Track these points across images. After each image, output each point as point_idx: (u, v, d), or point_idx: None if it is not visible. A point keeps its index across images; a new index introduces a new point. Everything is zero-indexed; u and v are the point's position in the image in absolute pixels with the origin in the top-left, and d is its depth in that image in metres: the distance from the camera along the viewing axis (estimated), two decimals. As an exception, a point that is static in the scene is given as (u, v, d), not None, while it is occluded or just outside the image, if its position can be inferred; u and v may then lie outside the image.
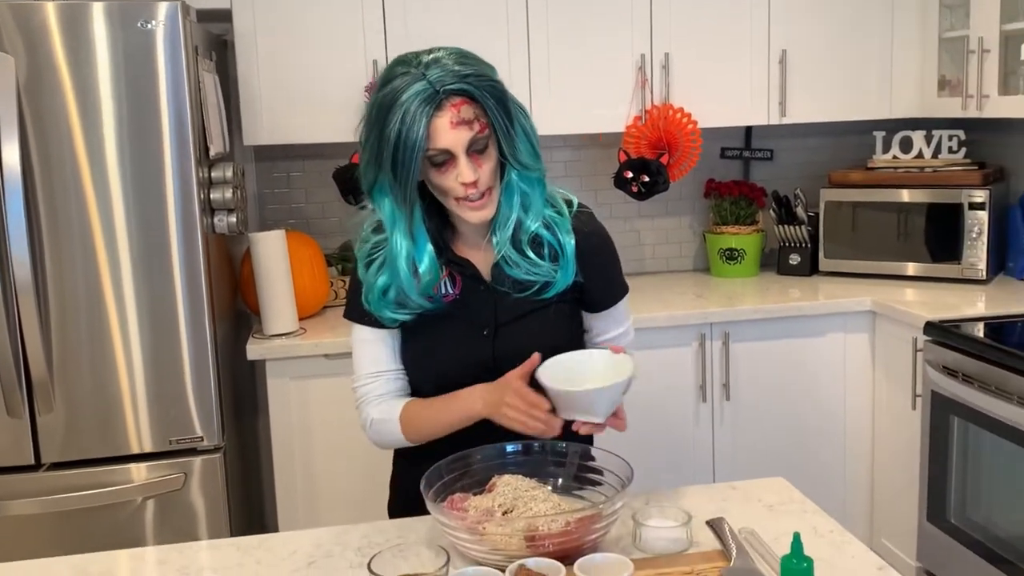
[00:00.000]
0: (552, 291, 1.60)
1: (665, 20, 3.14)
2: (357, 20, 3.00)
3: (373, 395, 1.67)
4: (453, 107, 1.45)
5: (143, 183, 2.45)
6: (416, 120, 1.42)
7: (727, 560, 1.35)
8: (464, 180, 1.48)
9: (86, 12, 2.37)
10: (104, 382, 2.49)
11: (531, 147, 1.55)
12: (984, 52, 2.96)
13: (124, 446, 2.53)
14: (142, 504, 2.55)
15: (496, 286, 1.61)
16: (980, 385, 2.51)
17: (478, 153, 1.49)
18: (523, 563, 1.27)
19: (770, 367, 3.07)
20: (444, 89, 1.43)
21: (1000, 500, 2.54)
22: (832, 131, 3.59)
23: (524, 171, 1.55)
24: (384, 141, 1.45)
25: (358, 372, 1.69)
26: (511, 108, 1.51)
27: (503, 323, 1.61)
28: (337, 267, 3.30)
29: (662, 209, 3.57)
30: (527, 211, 1.57)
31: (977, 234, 3.15)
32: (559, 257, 1.60)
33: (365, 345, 1.67)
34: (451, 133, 1.45)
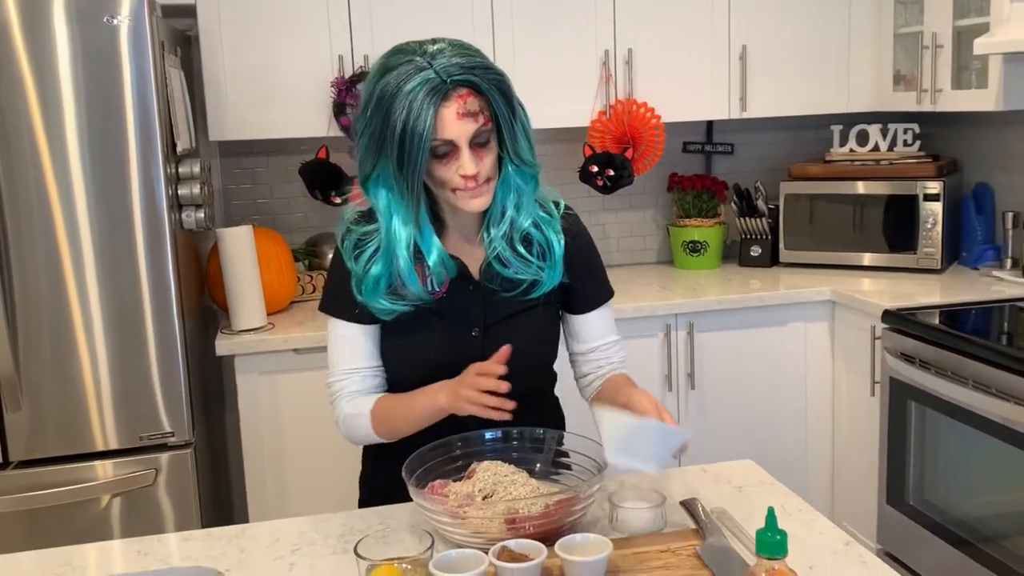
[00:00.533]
0: (539, 291, 1.60)
1: (628, 16, 3.19)
2: (322, 15, 3.00)
3: (347, 391, 1.65)
4: (460, 98, 1.43)
5: (108, 180, 2.44)
6: (424, 110, 1.40)
7: (701, 538, 1.40)
8: (465, 172, 1.46)
9: (46, 7, 2.35)
10: (72, 380, 2.49)
11: (529, 144, 1.54)
12: (938, 48, 3.04)
13: (93, 443, 2.52)
14: (112, 501, 2.54)
15: (486, 284, 1.60)
16: (937, 370, 2.59)
17: (480, 146, 1.48)
18: (505, 544, 1.30)
19: (734, 356, 3.13)
20: (451, 79, 1.41)
21: (957, 482, 2.62)
22: (791, 125, 3.67)
23: (522, 167, 1.54)
24: (388, 130, 1.42)
25: (333, 367, 1.66)
26: (514, 101, 1.51)
27: (492, 323, 1.60)
28: (304, 262, 3.30)
29: (626, 203, 3.62)
30: (519, 209, 1.57)
31: (932, 225, 3.24)
32: (547, 256, 1.60)
33: (341, 340, 1.65)
34: (456, 124, 1.43)
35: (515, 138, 1.51)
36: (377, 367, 1.65)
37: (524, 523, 1.36)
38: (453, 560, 1.27)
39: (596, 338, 1.71)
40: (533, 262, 1.59)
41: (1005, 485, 2.43)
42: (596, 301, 1.70)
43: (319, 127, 3.05)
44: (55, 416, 2.49)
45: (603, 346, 1.71)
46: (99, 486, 2.53)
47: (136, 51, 2.41)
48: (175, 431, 2.57)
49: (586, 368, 1.73)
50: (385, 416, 1.59)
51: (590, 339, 1.71)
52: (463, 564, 1.26)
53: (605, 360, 1.72)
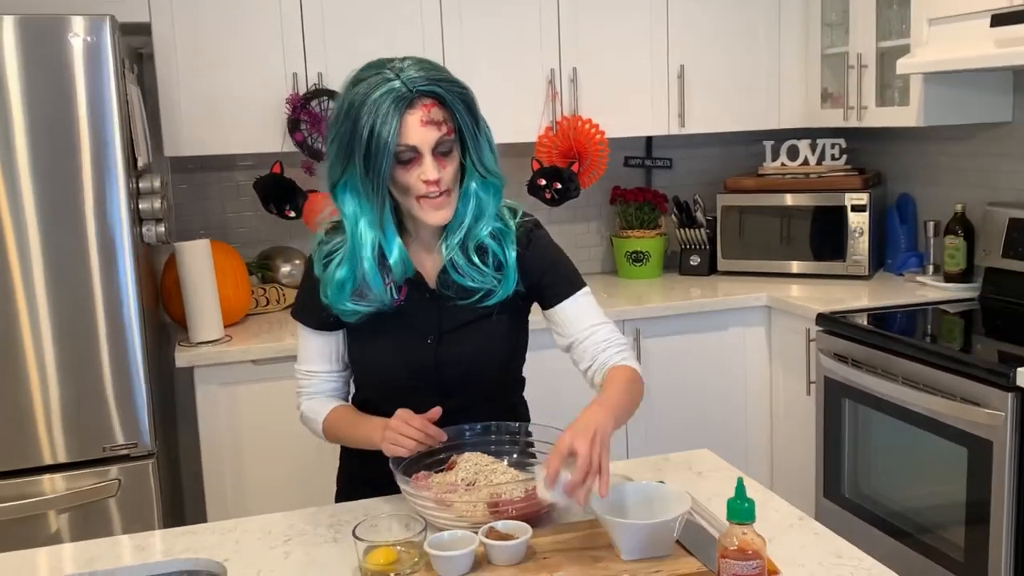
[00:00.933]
0: (494, 299, 1.66)
1: (572, 37, 3.33)
2: (276, 34, 3.07)
3: (307, 391, 1.79)
4: (424, 107, 1.52)
5: (61, 194, 2.45)
6: (389, 116, 1.49)
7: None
8: (427, 177, 1.54)
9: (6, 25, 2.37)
10: (28, 393, 2.49)
11: (493, 155, 1.63)
12: (863, 67, 3.24)
13: (42, 456, 2.52)
14: (75, 512, 2.55)
15: (441, 291, 1.67)
16: (868, 368, 2.76)
17: (443, 155, 1.56)
18: (493, 525, 1.39)
19: (677, 360, 3.27)
20: (416, 89, 1.50)
21: (890, 474, 2.79)
22: (726, 141, 3.85)
23: (486, 177, 1.62)
24: (356, 136, 1.51)
25: (298, 365, 1.80)
26: (478, 113, 1.60)
27: (446, 330, 1.68)
28: (257, 275, 3.35)
29: (571, 215, 3.75)
30: (478, 219, 1.64)
31: (859, 234, 3.43)
32: (503, 267, 1.67)
33: (306, 344, 1.78)
34: (420, 131, 1.52)
35: (479, 148, 1.60)
36: (336, 371, 1.78)
37: (506, 507, 1.45)
38: (446, 541, 1.36)
39: (577, 328, 1.71)
40: (487, 272, 1.65)
41: (935, 475, 2.60)
42: (565, 292, 1.72)
43: (273, 143, 3.11)
44: (18, 428, 2.49)
45: (587, 334, 1.70)
46: (57, 499, 2.53)
47: (98, 68, 2.44)
48: (137, 443, 2.60)
49: (583, 363, 1.72)
50: (334, 428, 1.74)
51: (571, 331, 1.71)
52: (455, 544, 1.35)
53: (596, 348, 1.70)
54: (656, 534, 1.37)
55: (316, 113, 3.06)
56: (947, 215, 3.30)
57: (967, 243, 3.20)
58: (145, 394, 2.59)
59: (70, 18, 2.43)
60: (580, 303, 1.73)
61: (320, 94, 3.07)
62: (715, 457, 1.81)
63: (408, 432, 1.55)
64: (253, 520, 1.61)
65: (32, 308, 2.47)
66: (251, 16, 3.04)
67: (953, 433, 2.48)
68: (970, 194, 3.28)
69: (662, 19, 3.41)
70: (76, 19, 2.43)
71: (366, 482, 1.73)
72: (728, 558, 1.21)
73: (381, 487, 1.66)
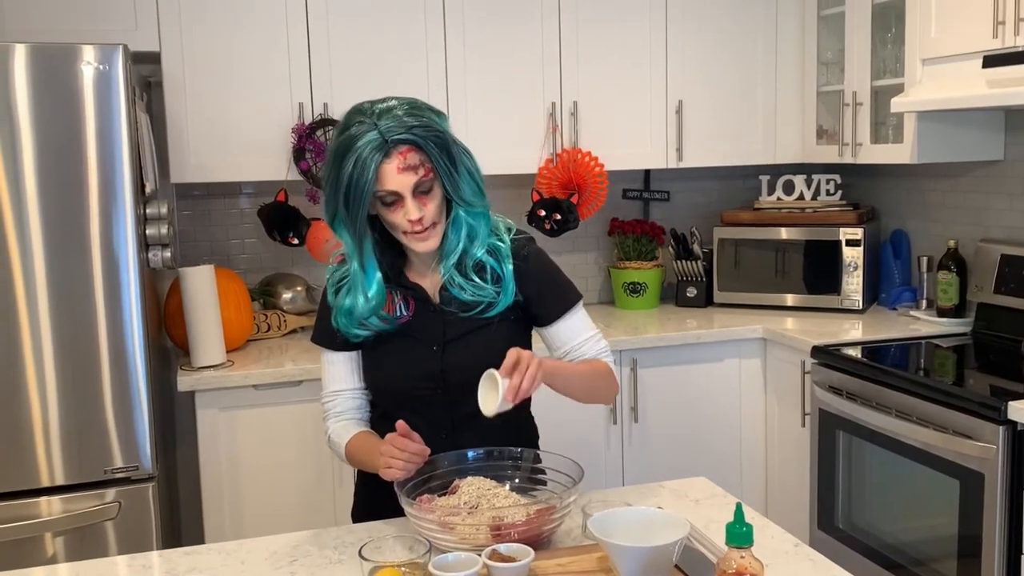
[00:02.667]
0: (495, 310, 1.78)
1: (573, 72, 3.39)
2: (283, 64, 3.13)
3: (333, 412, 1.88)
4: (400, 155, 1.63)
5: (67, 220, 2.48)
6: (367, 166, 1.61)
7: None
8: (410, 217, 1.67)
9: (9, 54, 2.41)
10: (29, 414, 2.51)
11: (475, 185, 1.73)
12: (857, 105, 3.31)
13: (53, 477, 2.54)
14: (74, 534, 2.56)
15: (444, 307, 1.78)
16: (862, 401, 2.80)
17: (423, 194, 1.68)
18: (495, 548, 1.42)
19: (673, 391, 3.30)
20: (392, 139, 1.62)
21: (883, 505, 2.81)
22: (723, 175, 3.91)
23: (469, 207, 1.73)
24: (339, 182, 1.64)
25: (324, 389, 1.90)
26: (454, 153, 1.69)
27: (450, 339, 1.78)
28: (259, 301, 3.39)
29: (569, 246, 3.80)
30: (472, 241, 1.76)
31: (853, 268, 3.48)
32: (500, 280, 1.77)
33: (328, 366, 1.89)
34: (398, 177, 1.64)
35: (456, 184, 1.71)
36: (359, 388, 1.88)
37: (508, 530, 1.48)
38: (450, 563, 1.39)
39: (571, 342, 1.85)
40: (485, 286, 1.76)
41: (927, 507, 2.63)
42: (559, 311, 1.84)
43: (278, 171, 3.16)
44: (20, 450, 2.50)
45: (576, 345, 1.84)
46: (54, 521, 2.54)
47: (109, 96, 2.48)
48: (137, 465, 2.61)
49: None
50: (353, 454, 1.81)
51: (562, 344, 1.85)
52: (458, 566, 1.38)
53: (581, 356, 1.84)
54: (655, 558, 1.39)
55: (321, 143, 3.11)
56: (940, 251, 3.35)
57: (960, 279, 3.25)
58: (147, 418, 2.61)
59: (82, 47, 2.48)
60: (575, 319, 1.86)
61: (325, 124, 3.12)
62: (711, 485, 1.84)
63: (395, 454, 1.62)
64: (258, 540, 1.64)
65: (35, 330, 2.50)
66: (258, 47, 3.10)
67: (945, 466, 2.51)
68: (962, 230, 3.34)
69: (661, 55, 3.48)
70: (88, 48, 2.48)
71: (378, 504, 1.79)
72: (726, 581, 1.24)
73: (393, 510, 1.70)
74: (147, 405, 2.61)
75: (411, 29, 3.22)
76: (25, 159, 2.44)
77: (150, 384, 2.63)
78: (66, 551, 2.56)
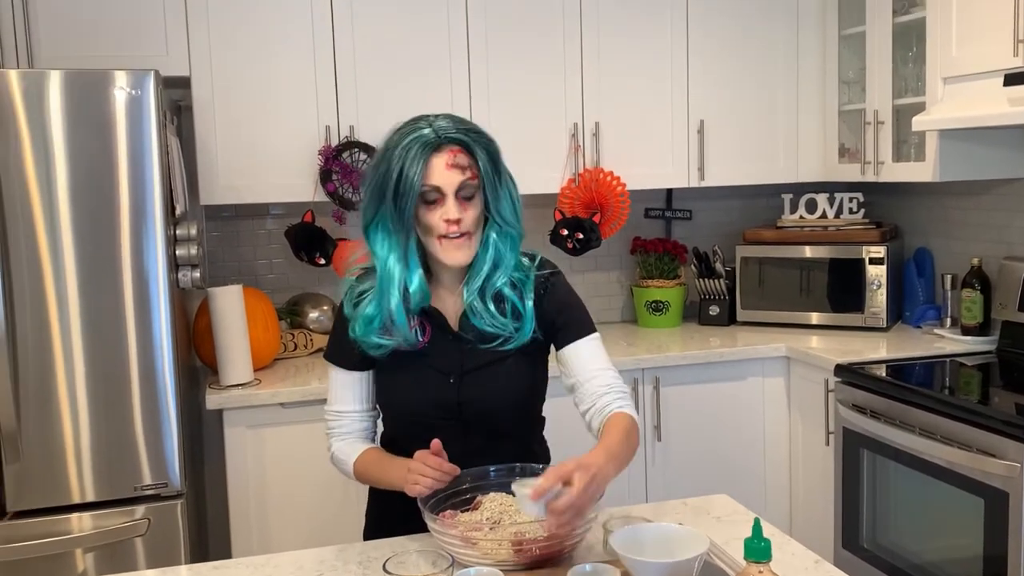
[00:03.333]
0: (511, 345, 1.75)
1: (595, 92, 3.43)
2: (311, 87, 3.18)
3: (338, 431, 1.86)
4: (450, 152, 1.66)
5: (104, 240, 2.54)
6: (418, 157, 1.63)
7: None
8: (448, 217, 1.66)
9: (44, 80, 2.47)
10: (60, 432, 2.56)
11: (513, 207, 1.74)
12: (879, 123, 3.31)
13: (83, 494, 2.59)
14: (104, 550, 2.60)
15: (462, 334, 1.77)
16: (886, 419, 2.80)
17: (465, 199, 1.68)
18: None
19: (697, 409, 3.31)
20: (445, 136, 1.65)
21: (908, 524, 2.81)
22: (745, 193, 3.92)
23: (504, 227, 1.73)
24: (388, 175, 1.65)
25: (328, 406, 1.88)
26: (501, 168, 1.72)
27: (467, 371, 1.76)
28: (286, 320, 3.43)
29: (592, 264, 3.82)
30: (496, 268, 1.74)
31: (877, 286, 3.48)
32: (520, 316, 1.76)
33: (337, 385, 1.86)
34: (445, 173, 1.65)
35: (498, 197, 1.72)
36: (365, 411, 1.86)
37: (530, 546, 1.51)
38: (472, 577, 1.41)
39: (583, 370, 1.77)
40: (505, 320, 1.74)
41: (952, 527, 2.62)
42: (575, 335, 1.79)
43: (305, 193, 3.22)
44: (53, 467, 2.56)
45: (590, 376, 1.77)
46: (84, 537, 2.58)
47: (140, 120, 2.54)
48: (166, 483, 2.66)
49: (583, 405, 1.78)
50: (364, 470, 1.81)
51: (577, 372, 1.78)
52: (481, 581, 1.40)
53: (597, 392, 1.75)
54: (676, 573, 1.41)
55: (347, 164, 3.16)
56: (964, 269, 3.34)
57: (984, 296, 3.24)
58: (176, 435, 2.65)
59: (115, 72, 2.54)
60: (589, 347, 1.80)
61: (351, 146, 3.18)
62: (732, 502, 1.85)
63: (425, 472, 1.63)
64: (284, 555, 1.67)
65: (67, 348, 2.55)
66: (286, 71, 3.16)
67: (970, 484, 2.51)
68: (986, 248, 3.33)
69: (683, 75, 3.50)
70: (120, 73, 2.55)
71: (392, 522, 1.79)
72: (745, 596, 1.26)
73: (406, 527, 1.73)
74: (176, 423, 2.65)
75: (435, 52, 3.27)
76: (59, 181, 2.51)
77: (179, 402, 2.67)
78: (96, 567, 2.60)
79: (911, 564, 2.76)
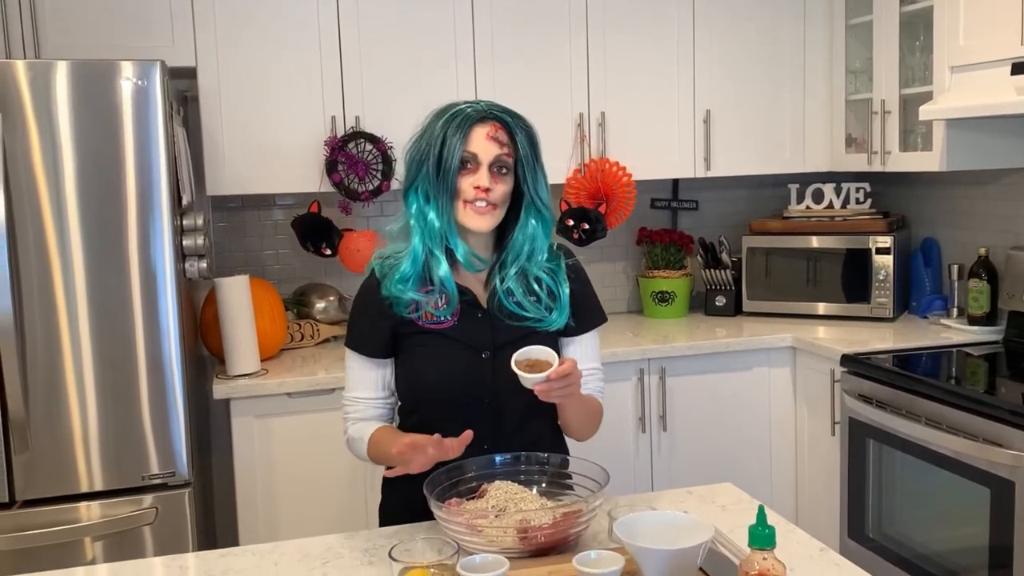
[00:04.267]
0: (543, 326, 1.80)
1: (601, 83, 3.42)
2: (316, 78, 3.18)
3: (353, 416, 1.87)
4: (492, 126, 1.74)
5: (111, 230, 2.55)
6: (462, 125, 1.72)
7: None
8: (479, 184, 1.72)
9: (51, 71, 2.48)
10: (68, 422, 2.57)
11: (547, 190, 1.80)
12: (886, 113, 3.30)
13: (92, 483, 2.60)
14: (113, 538, 2.62)
15: (494, 313, 1.79)
16: (892, 410, 2.79)
17: (499, 174, 1.74)
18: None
19: (702, 399, 3.31)
20: (490, 112, 1.75)
21: (914, 514, 2.81)
22: (751, 184, 3.91)
23: (541, 211, 1.78)
24: (433, 140, 1.73)
25: (346, 392, 1.89)
26: (539, 153, 1.78)
27: (501, 345, 1.77)
28: (292, 311, 3.44)
29: (598, 255, 3.82)
30: (531, 255, 1.80)
31: (884, 277, 3.47)
32: (554, 298, 1.81)
33: (354, 371, 1.87)
34: (484, 143, 1.73)
35: (536, 180, 1.78)
36: (382, 398, 1.86)
37: (535, 533, 1.51)
38: (477, 564, 1.42)
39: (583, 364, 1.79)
40: (542, 304, 1.80)
41: (958, 516, 2.62)
42: (586, 325, 1.88)
43: (311, 183, 3.22)
44: (61, 456, 2.57)
45: (590, 372, 1.84)
46: (93, 526, 2.60)
47: (147, 111, 2.55)
48: (174, 472, 2.67)
49: None
50: (375, 449, 1.80)
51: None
52: (486, 567, 1.41)
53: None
54: (680, 561, 1.41)
55: (353, 155, 3.16)
56: (971, 259, 3.34)
57: (991, 286, 3.23)
58: (183, 425, 2.66)
59: (121, 63, 2.55)
60: (592, 343, 1.90)
61: (357, 137, 3.18)
62: (737, 490, 1.86)
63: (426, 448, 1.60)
64: (291, 543, 1.68)
65: (75, 339, 2.56)
66: (292, 62, 3.16)
67: (976, 474, 2.51)
68: (993, 238, 3.32)
69: (689, 65, 3.50)
70: (127, 64, 2.55)
71: (406, 506, 1.79)
72: (749, 583, 1.26)
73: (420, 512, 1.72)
74: (183, 413, 2.66)
75: (440, 42, 3.27)
76: (66, 171, 2.51)
77: (186, 392, 2.68)
78: (105, 555, 2.62)
79: (917, 554, 2.76)
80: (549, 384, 1.60)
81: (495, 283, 1.80)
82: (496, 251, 1.83)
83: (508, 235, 1.81)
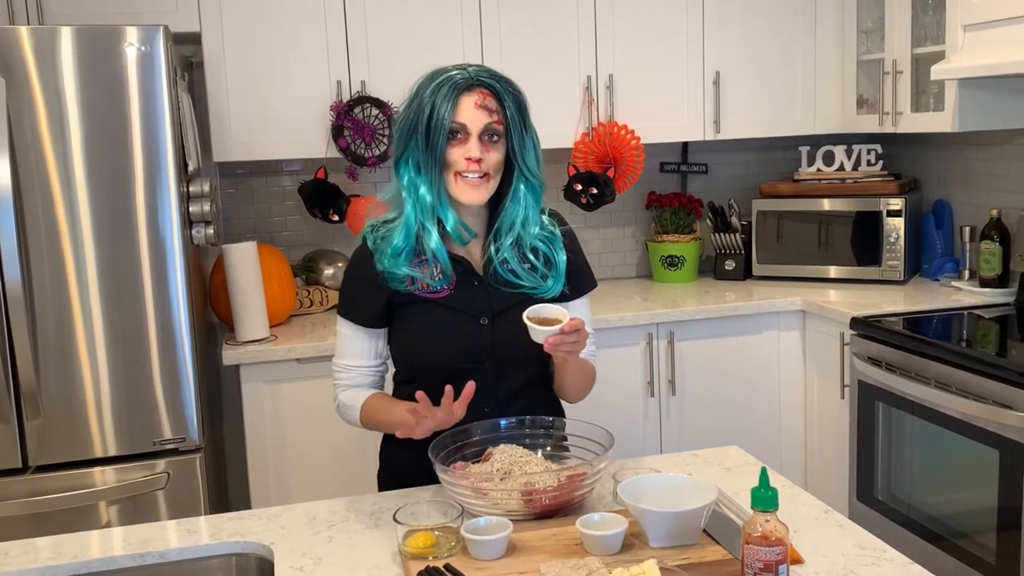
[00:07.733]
0: (539, 292, 1.79)
1: (609, 44, 3.39)
2: (321, 43, 3.16)
3: (344, 383, 1.87)
4: (480, 93, 1.70)
5: (114, 198, 2.54)
6: (449, 95, 1.68)
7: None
8: (470, 155, 1.69)
9: (56, 37, 2.47)
10: (81, 389, 2.59)
11: (536, 159, 1.77)
12: (898, 74, 3.26)
13: (98, 449, 2.62)
14: (126, 503, 2.65)
15: (490, 282, 1.79)
16: (901, 372, 2.79)
17: (490, 142, 1.71)
18: None
19: (711, 363, 3.31)
20: (478, 79, 1.70)
21: (923, 477, 2.81)
22: (761, 146, 3.88)
23: (529, 176, 1.76)
24: (421, 111, 1.69)
25: (337, 359, 1.89)
26: (528, 119, 1.75)
27: (498, 312, 1.78)
28: (301, 277, 3.45)
29: (607, 220, 3.80)
30: (526, 224, 1.78)
31: (895, 239, 3.45)
32: (550, 266, 1.80)
33: (345, 339, 1.87)
34: (472, 112, 1.69)
35: (524, 146, 1.75)
36: (373, 366, 1.87)
37: (540, 496, 1.52)
38: (481, 527, 1.42)
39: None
40: (538, 272, 1.79)
41: (967, 478, 2.62)
42: (580, 290, 1.88)
43: (318, 149, 3.21)
44: (73, 422, 2.59)
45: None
46: (115, 488, 2.63)
47: (151, 76, 2.54)
48: (185, 437, 2.69)
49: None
50: (369, 416, 1.81)
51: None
52: (490, 530, 1.42)
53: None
54: (683, 523, 1.42)
55: (359, 120, 3.15)
56: (983, 220, 3.31)
57: (1003, 248, 3.20)
58: (193, 391, 2.68)
59: (125, 28, 2.53)
60: (584, 309, 1.89)
61: (363, 101, 3.16)
62: (744, 453, 1.86)
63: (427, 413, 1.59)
64: (298, 507, 1.69)
65: (85, 307, 2.57)
66: (297, 27, 3.14)
67: (985, 436, 2.50)
68: (1006, 200, 3.29)
69: (698, 26, 3.46)
70: (131, 29, 2.54)
71: (404, 474, 1.81)
72: (752, 544, 1.26)
73: (418, 479, 1.75)
74: (193, 379, 2.68)
75: (446, 4, 3.24)
76: (72, 139, 2.51)
77: (196, 358, 2.69)
78: (119, 519, 2.65)
79: (926, 516, 2.77)
80: (561, 337, 1.58)
81: (491, 252, 1.79)
82: (489, 220, 1.81)
83: (500, 204, 1.79)
